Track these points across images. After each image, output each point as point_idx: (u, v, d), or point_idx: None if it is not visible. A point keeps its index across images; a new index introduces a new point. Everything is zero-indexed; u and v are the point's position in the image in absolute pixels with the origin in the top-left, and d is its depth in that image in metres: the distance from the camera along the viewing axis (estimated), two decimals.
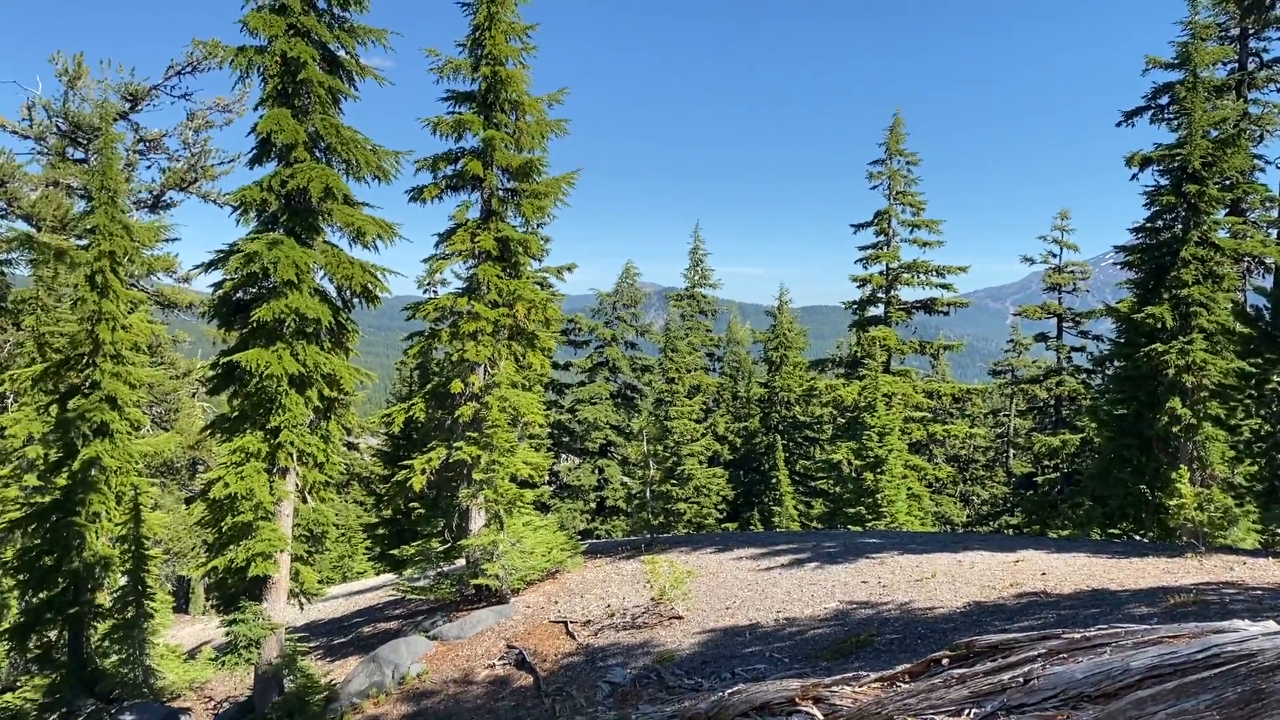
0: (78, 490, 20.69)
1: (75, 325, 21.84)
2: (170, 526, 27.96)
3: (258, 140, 16.82)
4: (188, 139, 32.16)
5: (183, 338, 35.69)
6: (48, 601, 21.11)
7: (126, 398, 21.07)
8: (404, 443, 44.16)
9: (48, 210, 29.87)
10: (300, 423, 16.53)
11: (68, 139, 31.70)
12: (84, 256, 22.10)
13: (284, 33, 16.30)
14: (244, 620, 15.90)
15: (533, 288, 20.54)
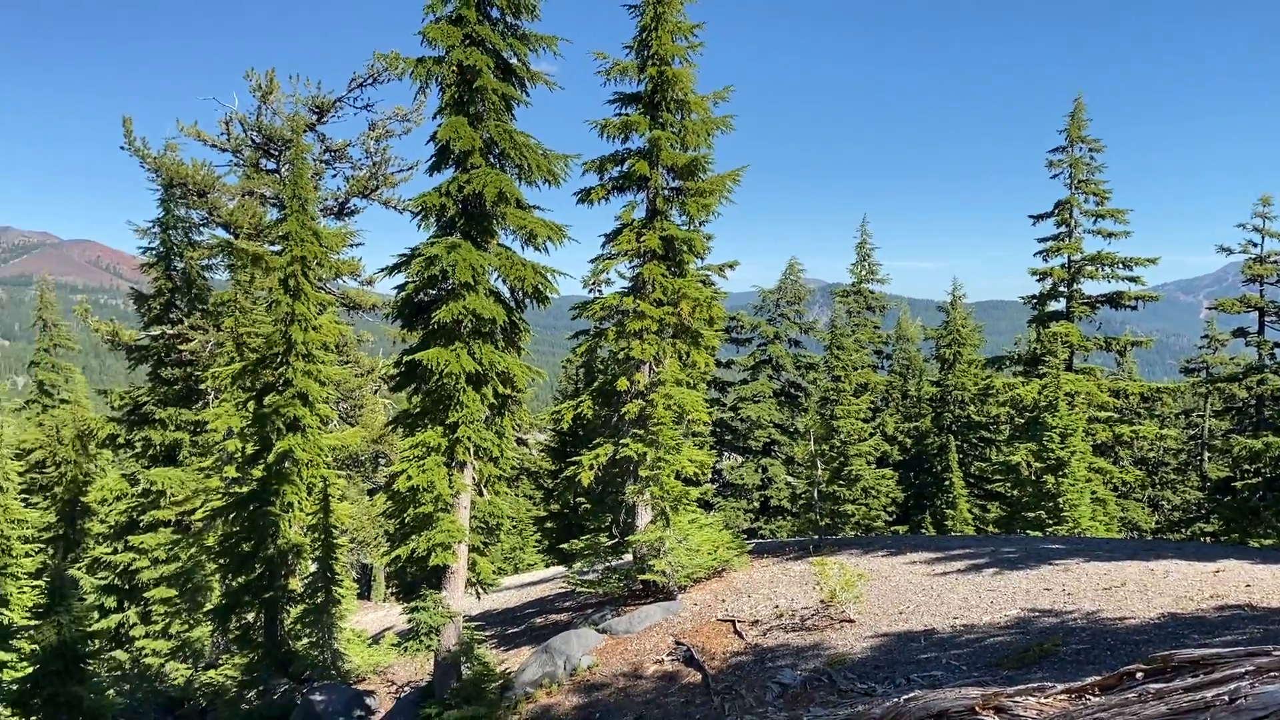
0: (272, 481, 22.04)
1: (270, 326, 23.28)
2: (355, 517, 29.44)
3: (436, 148, 17.49)
4: (369, 148, 33.75)
5: (366, 337, 37.50)
6: (246, 585, 22.59)
7: (316, 394, 22.31)
8: (570, 439, 45.11)
9: (244, 218, 31.93)
10: (477, 418, 17.09)
11: (261, 151, 33.80)
12: (278, 261, 23.55)
13: (460, 42, 16.88)
14: (425, 608, 16.56)
15: (697, 285, 20.58)
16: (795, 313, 48.41)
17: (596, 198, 20.63)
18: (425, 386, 17.43)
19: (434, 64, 17.11)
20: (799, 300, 48.68)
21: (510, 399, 18.15)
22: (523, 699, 16.40)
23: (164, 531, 29.92)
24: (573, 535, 32.50)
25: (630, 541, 19.89)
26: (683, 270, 20.69)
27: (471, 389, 17.09)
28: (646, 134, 20.05)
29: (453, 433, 17.04)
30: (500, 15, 17.44)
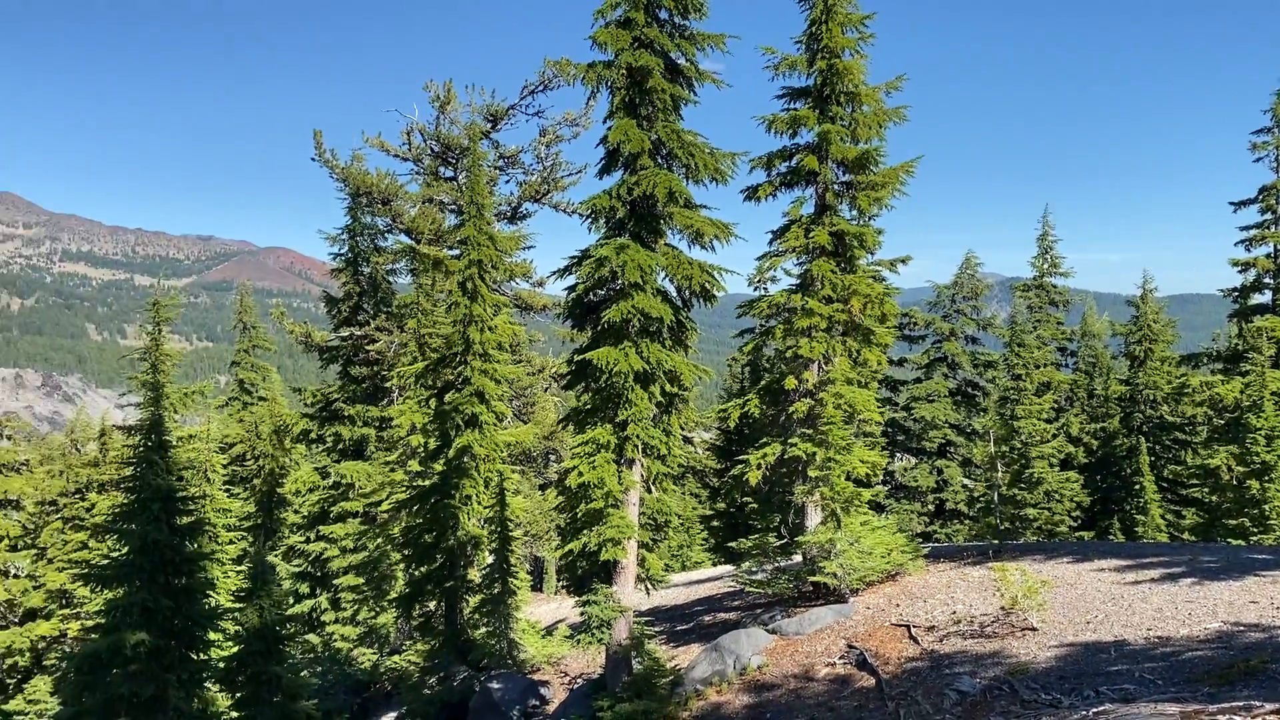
0: (452, 475, 22.91)
1: (449, 327, 24.21)
2: (529, 511, 30.29)
3: (606, 151, 17.78)
4: (540, 153, 34.69)
5: (537, 337, 38.54)
6: (428, 575, 23.57)
7: (493, 392, 23.06)
8: (736, 438, 45.00)
9: (425, 224, 33.36)
10: (645, 416, 17.27)
11: (439, 159, 35.23)
12: (457, 265, 24.48)
13: (629, 46, 17.09)
14: (596, 602, 16.87)
15: (868, 282, 20.14)
16: (972, 308, 46.71)
17: (763, 194, 20.49)
18: (595, 385, 17.75)
19: (604, 68, 17.39)
20: (976, 295, 46.93)
21: (677, 397, 18.26)
22: (693, 695, 16.47)
23: (352, 522, 31.60)
24: (739, 534, 32.45)
25: (800, 542, 19.68)
26: (853, 266, 20.30)
27: (639, 387, 17.29)
28: (815, 128, 19.76)
29: (622, 430, 17.28)
30: (668, 16, 17.57)
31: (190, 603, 15.71)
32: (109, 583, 15.71)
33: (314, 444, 36.37)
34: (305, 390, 37.90)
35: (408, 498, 25.10)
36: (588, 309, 18.36)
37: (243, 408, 46.14)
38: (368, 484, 30.98)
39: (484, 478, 23.04)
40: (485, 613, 22.71)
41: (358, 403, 34.21)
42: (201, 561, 16.30)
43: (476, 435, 22.84)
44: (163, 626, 15.26)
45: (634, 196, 17.28)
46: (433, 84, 33.84)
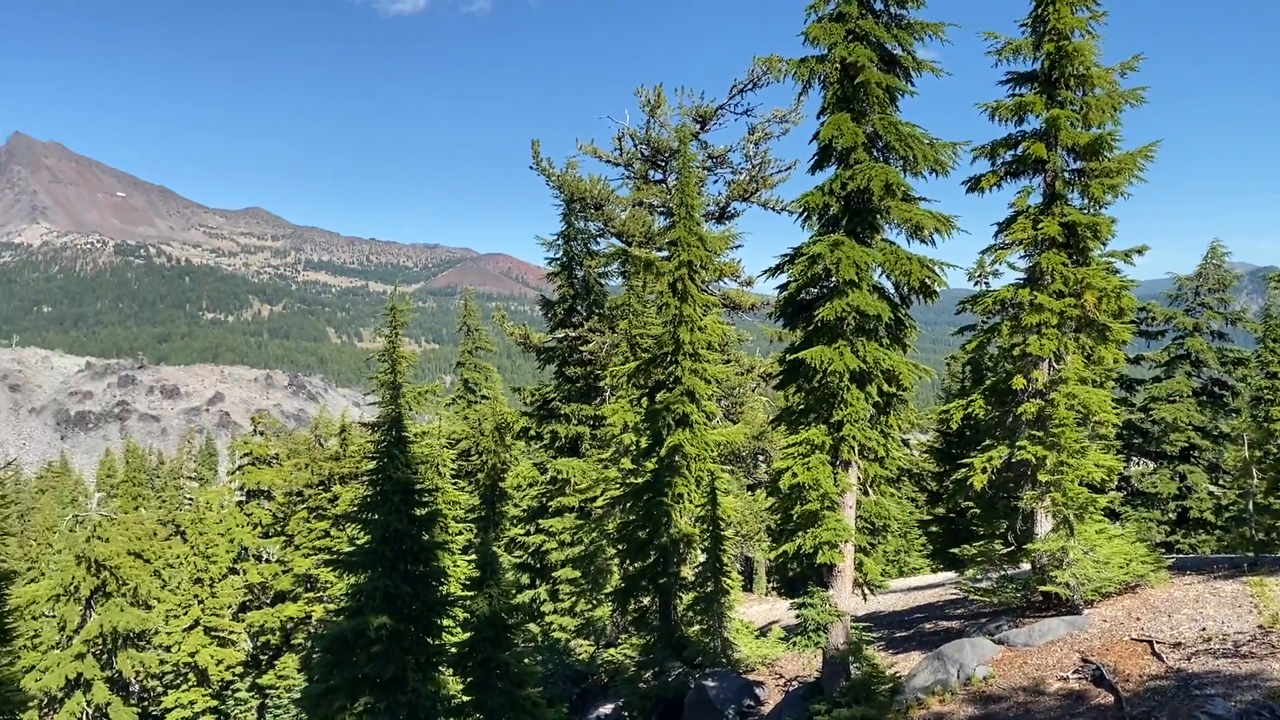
0: (664, 473, 23.22)
1: (660, 328, 24.56)
2: (739, 510, 30.28)
3: (818, 146, 17.53)
4: (749, 152, 34.63)
5: (745, 336, 38.49)
6: (642, 570, 23.98)
7: (703, 392, 23.21)
8: (956, 440, 43.37)
9: (635, 227, 34.00)
10: (861, 417, 16.91)
11: (649, 163, 35.81)
12: (667, 266, 24.79)
13: (843, 39, 16.80)
14: (812, 605, 16.66)
15: (1102, 274, 18.91)
16: (1219, 301, 43.02)
17: (987, 185, 19.62)
18: (808, 385, 17.52)
19: (816, 63, 17.16)
20: (1223, 287, 43.19)
21: (895, 397, 17.77)
22: (913, 704, 15.99)
23: (569, 516, 32.60)
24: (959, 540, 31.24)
25: (1028, 550, 18.72)
26: (1085, 258, 19.12)
27: (855, 387, 16.94)
28: (1043, 114, 18.75)
29: (837, 431, 16.98)
30: (884, 7, 17.14)
31: (427, 589, 16.65)
32: (354, 569, 16.86)
33: (532, 440, 37.81)
34: (524, 389, 39.47)
35: (621, 494, 25.66)
36: (800, 307, 18.15)
37: (467, 406, 48.48)
38: (583, 480, 31.87)
39: (695, 476, 23.22)
40: (699, 610, 22.89)
41: (573, 401, 35.30)
42: (437, 550, 17.23)
43: (687, 434, 23.05)
44: (402, 611, 16.24)
45: (848, 191, 16.96)
46: (643, 89, 34.46)
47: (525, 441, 38.97)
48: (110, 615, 37.87)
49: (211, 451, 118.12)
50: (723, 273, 34.34)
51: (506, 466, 39.41)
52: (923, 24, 17.15)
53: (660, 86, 34.34)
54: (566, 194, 35.26)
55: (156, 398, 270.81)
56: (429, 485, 20.78)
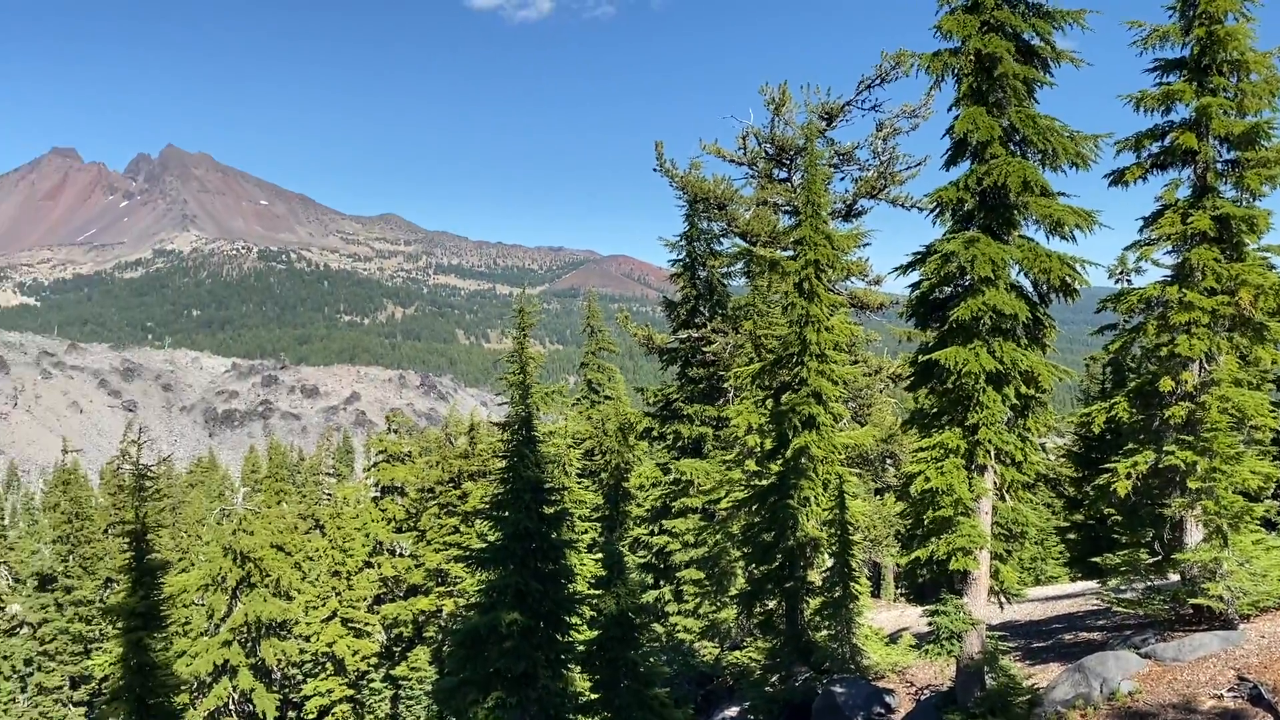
0: (790, 476, 22.99)
1: (785, 328, 24.33)
2: (867, 515, 29.75)
3: (952, 141, 17.08)
4: (877, 148, 33.98)
5: (874, 337, 37.79)
6: (767, 574, 23.79)
7: (830, 393, 22.89)
8: (1096, 444, 41.55)
9: (760, 227, 33.77)
10: (997, 420, 16.38)
11: (774, 161, 35.51)
12: (792, 266, 24.54)
13: (977, 30, 16.32)
14: (945, 612, 16.23)
15: (1259, 270, 17.83)
16: None
17: (1131, 178, 18.73)
18: (941, 387, 17.06)
19: (949, 56, 16.73)
20: None
21: (1034, 400, 17.16)
22: (1053, 717, 15.41)
23: (692, 518, 32.60)
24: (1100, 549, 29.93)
25: (1176, 560, 17.79)
26: (1239, 253, 18.05)
27: (991, 389, 16.42)
28: (1192, 102, 17.79)
29: (972, 435, 16.50)
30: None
31: (556, 587, 16.90)
32: (486, 565, 17.24)
33: (655, 441, 37.96)
34: (647, 390, 39.65)
35: (746, 496, 25.50)
36: (932, 307, 17.71)
37: (590, 406, 49.04)
38: (706, 481, 31.82)
39: (822, 479, 22.92)
40: (826, 615, 22.59)
41: (695, 402, 35.28)
42: (565, 549, 17.48)
43: (814, 436, 22.76)
44: (533, 608, 16.53)
45: (983, 187, 16.46)
46: (768, 87, 34.19)
47: (648, 442, 39.16)
48: (254, 605, 39.69)
49: (348, 449, 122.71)
50: (850, 271, 33.77)
51: (630, 466, 39.69)
52: (1062, 12, 16.50)
53: (785, 84, 34.03)
54: (689, 194, 35.27)
55: (297, 397, 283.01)
56: (557, 484, 21.09)
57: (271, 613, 39.87)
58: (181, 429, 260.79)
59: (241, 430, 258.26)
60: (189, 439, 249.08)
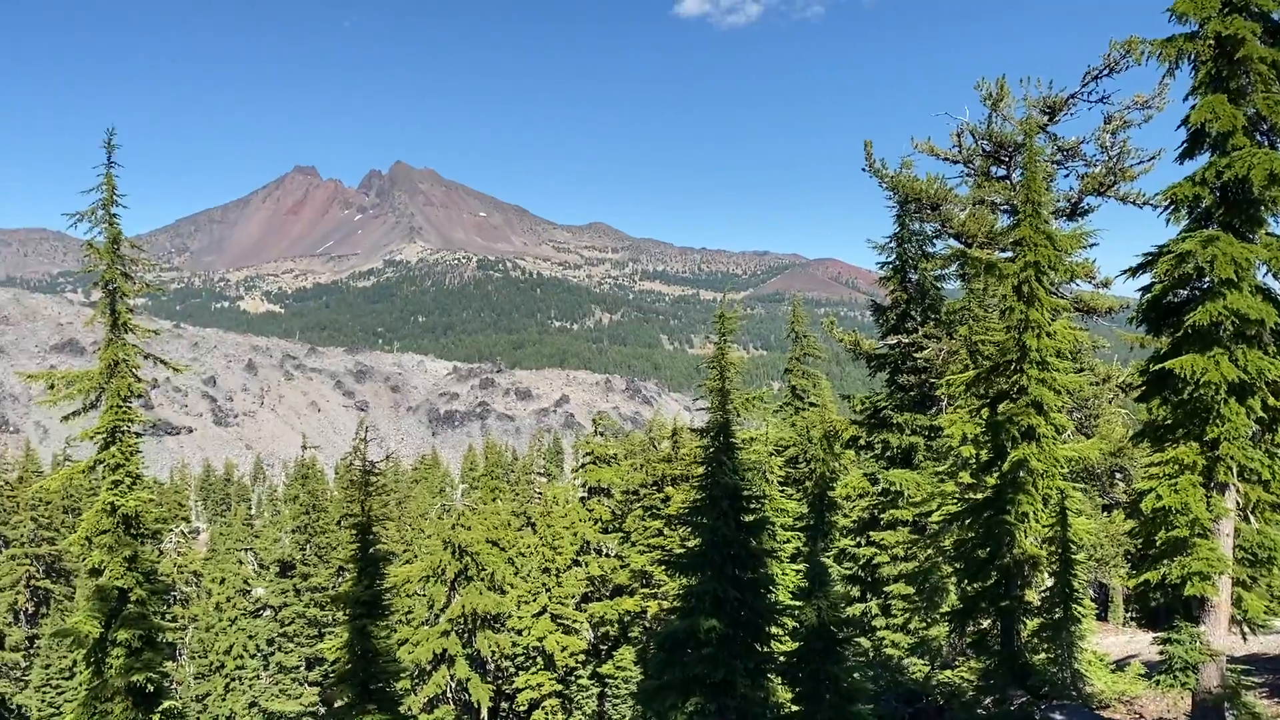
0: (1006, 490, 21.85)
1: (1002, 334, 23.14)
2: (1093, 533, 27.98)
3: (1188, 132, 15.83)
4: (1105, 142, 31.87)
5: (1101, 343, 35.49)
6: (981, 592, 22.70)
7: (1051, 403, 21.61)
8: None
9: (976, 227, 32.35)
10: (1241, 435, 15.02)
11: (991, 159, 33.94)
12: (1010, 268, 23.33)
13: (1217, 12, 15.04)
14: (1179, 641, 15.02)
15: None
16: None
17: None
18: (1176, 397, 15.82)
19: (1184, 41, 15.50)
20: None
21: None
22: None
23: (902, 530, 31.61)
24: None
25: None
26: None
27: (1234, 401, 15.07)
28: None
29: (1211, 450, 15.19)
30: None
31: (755, 596, 16.78)
32: (684, 570, 17.32)
33: (862, 450, 37.04)
34: (853, 397, 38.77)
35: (958, 510, 24.45)
36: (1166, 311, 16.47)
37: (795, 412, 48.47)
38: (917, 493, 30.77)
39: (1042, 494, 21.67)
40: (1045, 638, 21.38)
41: (905, 411, 34.18)
42: (764, 557, 17.32)
43: (1033, 449, 21.55)
44: (731, 615, 16.47)
45: (1224, 181, 15.13)
46: (984, 81, 32.73)
47: (855, 451, 38.27)
48: (471, 597, 41.54)
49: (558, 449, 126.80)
50: (1074, 274, 31.80)
51: (835, 475, 38.92)
52: None
53: (1004, 78, 32.45)
54: (900, 195, 34.23)
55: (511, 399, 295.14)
56: (757, 492, 20.93)
57: (486, 605, 41.60)
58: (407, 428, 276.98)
59: (461, 430, 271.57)
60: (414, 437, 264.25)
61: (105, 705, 17.35)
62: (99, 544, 18.15)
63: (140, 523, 18.56)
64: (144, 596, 18.23)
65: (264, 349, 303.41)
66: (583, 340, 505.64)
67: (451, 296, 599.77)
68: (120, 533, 18.19)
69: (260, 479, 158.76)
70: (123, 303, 18.90)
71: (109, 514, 18.10)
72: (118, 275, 18.76)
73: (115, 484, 18.22)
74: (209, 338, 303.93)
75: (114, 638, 17.74)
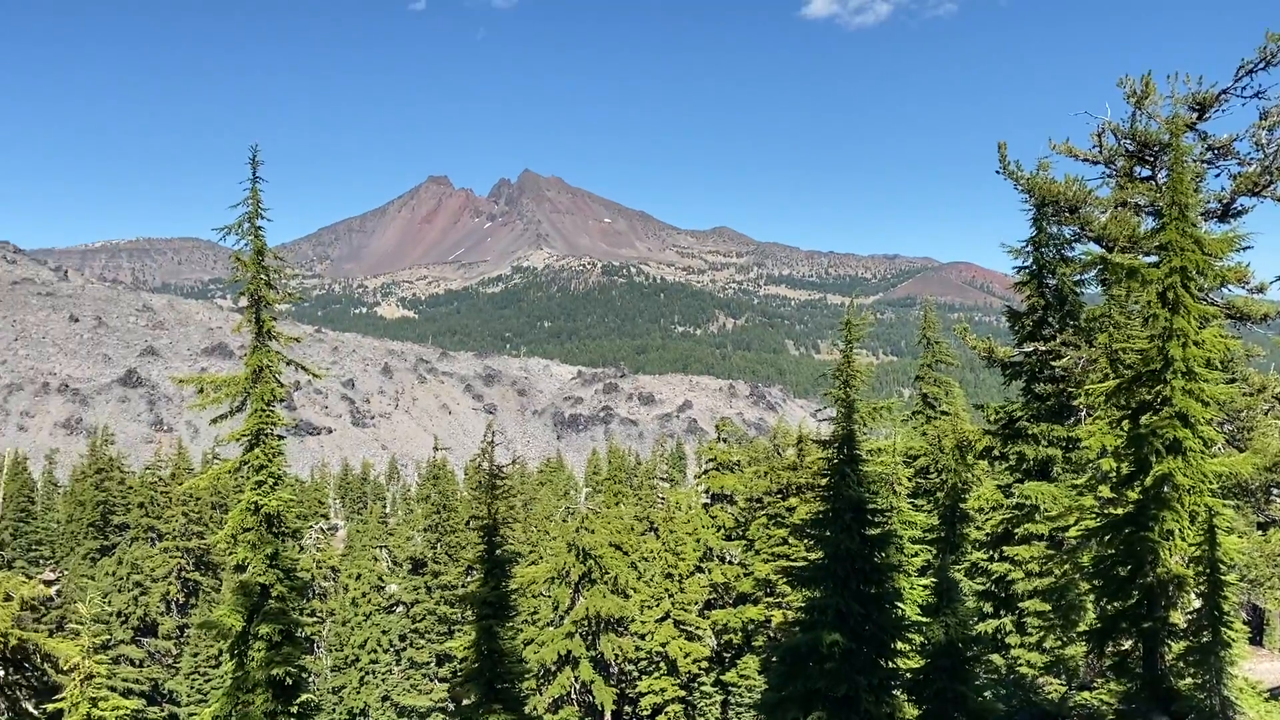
0: (1149, 506, 20.82)
1: (1146, 342, 22.08)
2: (1245, 552, 26.39)
3: None
4: (1260, 139, 30.03)
5: (1255, 352, 33.54)
6: (1121, 612, 21.69)
7: (1199, 415, 20.52)
8: None
9: (1118, 230, 30.93)
10: None
11: (1134, 159, 32.40)
12: (1154, 273, 22.24)
13: None
14: None
15: None
16: None
17: None
18: None
19: None
20: None
21: None
22: None
23: (1037, 545, 30.47)
24: None
25: None
26: None
27: None
28: None
29: None
30: None
31: (879, 611, 16.40)
32: (807, 583, 17.06)
33: (996, 461, 35.85)
34: (987, 406, 37.56)
35: (1097, 526, 23.42)
36: None
37: (925, 421, 47.32)
38: (1054, 507, 29.59)
39: (1188, 511, 20.56)
40: (1190, 662, 20.25)
41: (1042, 421, 32.92)
42: (889, 572, 16.92)
43: (1178, 462, 20.48)
44: (854, 630, 16.14)
45: None
46: (1127, 79, 31.26)
47: (988, 462, 37.08)
48: (594, 600, 41.94)
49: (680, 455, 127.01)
50: (1225, 279, 30.06)
51: (968, 487, 37.80)
52: None
53: (1149, 75, 30.92)
54: (1036, 197, 33.00)
55: (634, 404, 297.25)
56: (883, 505, 20.47)
57: (610, 609, 41.93)
58: (533, 431, 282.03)
59: (585, 434, 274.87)
60: (539, 440, 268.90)
61: (247, 696, 18.15)
62: (243, 541, 19.02)
63: (282, 521, 19.37)
64: (284, 593, 19.00)
65: (399, 353, 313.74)
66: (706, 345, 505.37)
67: (576, 302, 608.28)
68: (263, 531, 19.02)
69: (394, 478, 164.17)
70: (266, 311, 19.79)
71: (253, 513, 18.95)
72: (262, 285, 19.66)
73: (259, 484, 19.07)
74: (348, 342, 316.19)
75: (256, 631, 18.56)
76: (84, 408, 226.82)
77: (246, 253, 19.65)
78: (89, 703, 18.42)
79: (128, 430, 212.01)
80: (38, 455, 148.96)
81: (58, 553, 72.73)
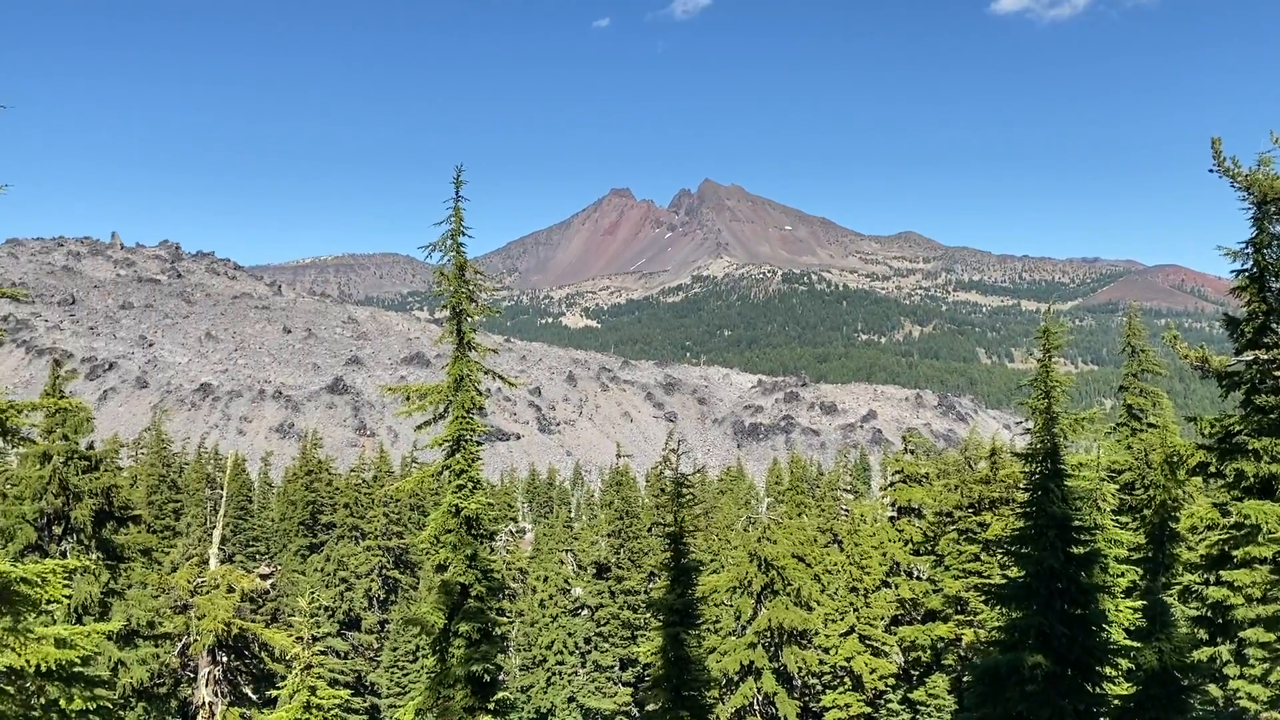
0: None
1: None
2: None
3: None
4: None
5: None
6: None
7: None
8: None
9: None
10: None
11: None
12: None
13: None
14: None
15: None
16: None
17: None
18: None
19: None
20: None
21: None
22: None
23: (1260, 569, 28.18)
24: None
25: None
26: None
27: None
28: None
29: None
30: None
31: (1085, 633, 15.59)
32: (1006, 602, 16.41)
33: (1211, 478, 33.41)
34: (1200, 419, 35.04)
35: None
36: None
37: (1130, 434, 44.60)
38: (1278, 528, 27.34)
39: None
40: None
41: (1265, 435, 30.45)
42: (1096, 593, 16.07)
43: None
44: (1058, 653, 15.41)
45: None
46: None
47: (1202, 478, 34.59)
48: (777, 612, 41.60)
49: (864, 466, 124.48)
50: None
51: (1179, 505, 35.36)
52: None
53: None
54: (1257, 195, 30.56)
55: (816, 413, 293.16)
56: (1087, 523, 19.46)
57: (793, 620, 41.50)
58: (713, 439, 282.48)
59: (765, 443, 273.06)
60: (719, 449, 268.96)
61: (448, 691, 19.01)
62: (444, 542, 19.95)
63: (480, 524, 20.21)
64: (482, 592, 19.81)
65: (582, 361, 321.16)
66: (890, 354, 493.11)
67: (756, 310, 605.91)
68: (463, 533, 19.90)
69: (579, 484, 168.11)
70: (467, 323, 20.74)
71: (453, 515, 19.86)
72: (463, 298, 20.61)
73: (459, 488, 19.96)
74: (535, 351, 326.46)
75: (456, 629, 19.41)
76: (295, 413, 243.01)
77: (449, 267, 20.65)
78: (308, 691, 19.70)
79: (334, 435, 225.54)
80: (254, 457, 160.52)
81: (271, 549, 78.12)
